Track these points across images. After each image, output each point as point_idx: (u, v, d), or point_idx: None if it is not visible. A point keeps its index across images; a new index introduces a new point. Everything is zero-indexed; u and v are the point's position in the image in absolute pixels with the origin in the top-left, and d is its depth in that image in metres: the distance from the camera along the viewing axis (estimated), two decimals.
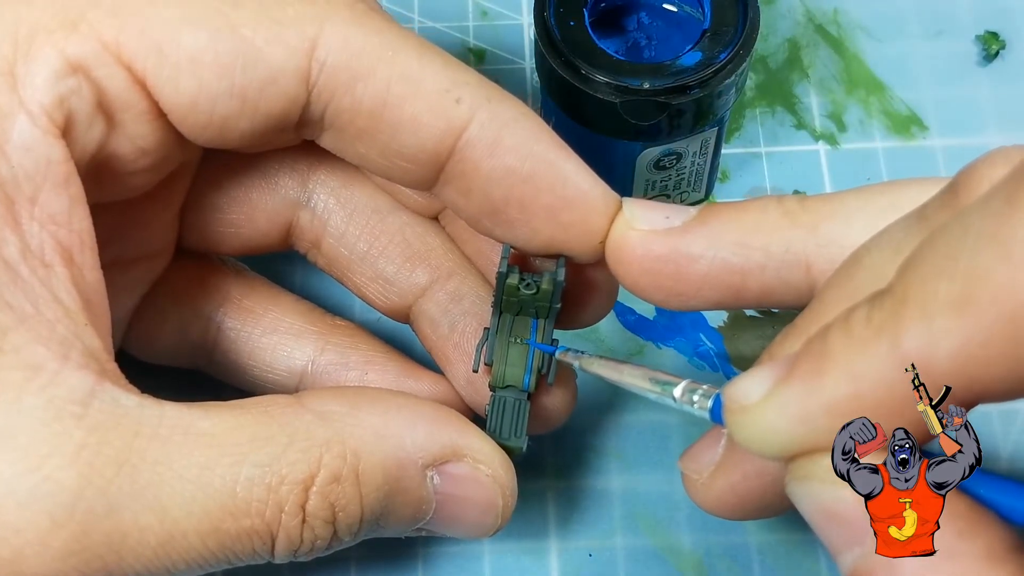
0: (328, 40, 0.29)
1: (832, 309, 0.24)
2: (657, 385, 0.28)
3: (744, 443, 0.25)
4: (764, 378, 0.24)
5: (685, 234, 0.29)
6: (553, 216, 0.30)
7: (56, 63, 0.28)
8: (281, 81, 0.29)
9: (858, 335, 0.23)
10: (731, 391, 0.25)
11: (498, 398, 0.33)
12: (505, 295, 0.32)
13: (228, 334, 0.36)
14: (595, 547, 0.37)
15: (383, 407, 0.30)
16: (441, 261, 0.35)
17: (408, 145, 0.30)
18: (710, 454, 0.29)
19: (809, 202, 0.29)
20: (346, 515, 0.28)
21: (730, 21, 0.37)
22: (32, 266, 0.27)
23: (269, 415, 0.28)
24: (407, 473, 0.29)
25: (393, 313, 0.36)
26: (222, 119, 0.29)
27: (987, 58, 0.45)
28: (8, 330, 0.26)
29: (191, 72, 0.28)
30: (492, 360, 0.32)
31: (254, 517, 0.27)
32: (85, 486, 0.25)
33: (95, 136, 0.29)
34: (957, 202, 0.24)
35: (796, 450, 0.24)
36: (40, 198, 0.27)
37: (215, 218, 0.35)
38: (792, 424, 0.23)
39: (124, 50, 0.28)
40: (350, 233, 0.35)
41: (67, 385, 0.26)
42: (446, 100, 0.29)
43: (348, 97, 0.29)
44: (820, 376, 0.23)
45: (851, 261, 0.26)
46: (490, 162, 0.30)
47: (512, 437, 0.32)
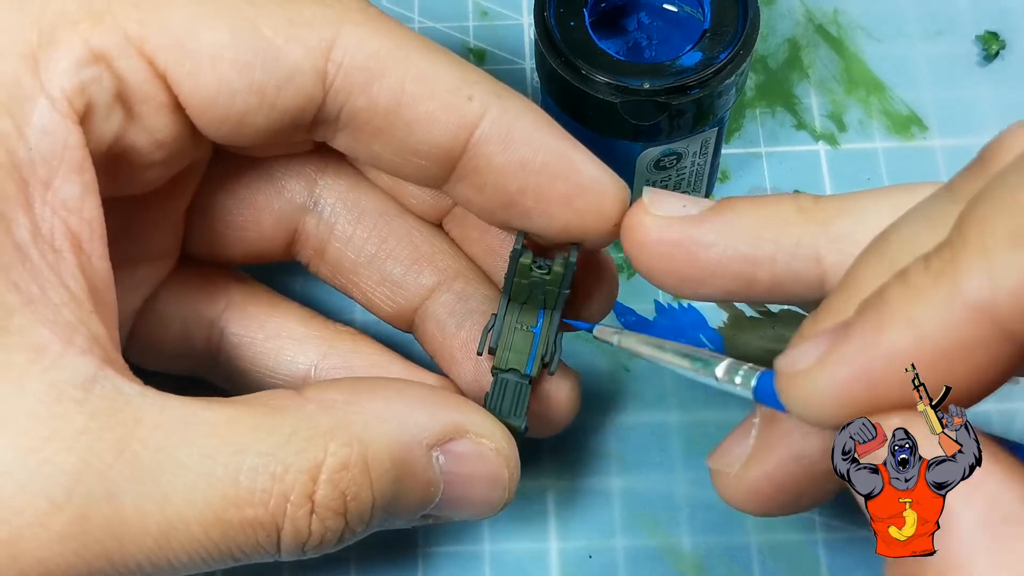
0: (345, 41, 0.30)
1: (864, 285, 0.24)
2: (699, 364, 0.28)
3: (801, 407, 0.24)
4: (815, 345, 0.24)
5: (700, 222, 0.30)
6: (567, 203, 0.31)
7: (79, 51, 0.28)
8: (299, 79, 0.29)
9: (916, 284, 0.22)
10: (783, 359, 0.24)
11: (500, 379, 0.33)
12: (517, 276, 0.32)
13: (231, 339, 0.36)
14: (595, 547, 0.37)
15: (383, 392, 0.30)
16: (448, 263, 0.35)
17: (423, 142, 0.30)
18: (741, 446, 0.29)
19: (823, 200, 0.30)
20: (357, 503, 0.28)
21: (730, 21, 0.37)
22: (42, 250, 0.27)
23: (271, 407, 0.28)
24: (413, 455, 0.29)
25: (397, 319, 0.36)
26: (240, 115, 0.30)
27: (987, 58, 0.45)
28: (14, 311, 0.26)
29: (212, 67, 0.29)
30: (497, 344, 0.33)
31: (258, 507, 0.27)
32: (84, 470, 0.25)
33: (113, 126, 0.29)
34: (987, 170, 0.24)
35: (854, 412, 0.23)
36: (54, 183, 0.28)
37: (221, 221, 0.35)
38: (852, 382, 0.23)
39: (147, 43, 0.29)
40: (358, 236, 0.35)
41: (70, 369, 0.26)
42: (458, 97, 0.30)
43: (364, 97, 0.30)
44: (880, 329, 0.22)
45: (879, 240, 0.26)
46: (504, 155, 0.31)
47: (512, 416, 0.33)
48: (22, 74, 0.28)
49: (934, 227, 0.23)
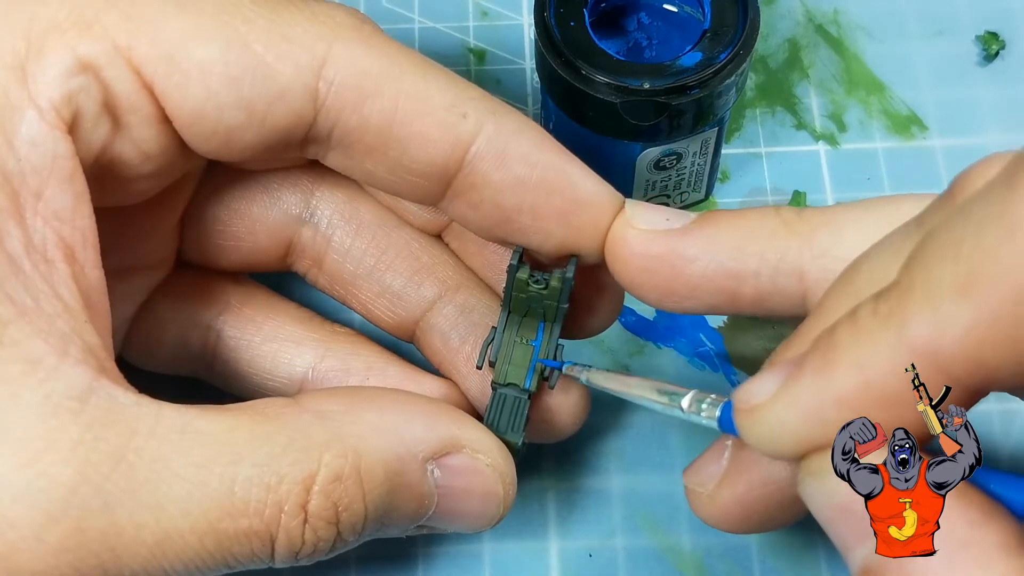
0: (337, 59, 0.29)
1: (833, 315, 0.25)
2: (665, 396, 0.29)
3: (756, 443, 0.25)
4: (773, 378, 0.24)
5: (683, 236, 0.30)
6: (564, 219, 0.31)
7: (67, 61, 0.28)
8: (289, 97, 0.29)
9: (865, 326, 0.23)
10: (740, 393, 0.25)
11: (499, 394, 0.33)
12: (515, 291, 0.32)
13: (228, 342, 0.35)
14: (595, 547, 0.37)
15: (379, 404, 0.30)
16: (449, 274, 0.35)
17: (417, 160, 0.30)
18: (714, 466, 0.30)
19: (806, 213, 0.30)
20: (350, 514, 0.28)
21: (730, 21, 0.37)
22: (34, 261, 0.27)
23: (267, 416, 0.28)
24: (408, 468, 0.29)
25: (398, 330, 0.36)
26: (228, 130, 0.29)
27: (987, 58, 0.45)
28: (8, 323, 0.26)
29: (200, 81, 0.29)
30: (496, 358, 0.33)
31: (252, 517, 0.27)
32: (80, 482, 0.25)
33: (100, 136, 0.29)
34: (954, 204, 0.24)
35: (807, 446, 0.24)
36: (45, 193, 0.27)
37: (215, 230, 0.35)
38: (803, 419, 0.23)
39: (135, 54, 0.28)
40: (356, 248, 0.35)
41: (65, 380, 0.26)
42: (453, 115, 0.30)
43: (356, 116, 0.30)
44: (828, 369, 0.23)
45: (851, 269, 0.26)
46: (500, 173, 0.30)
47: (509, 432, 0.32)
48: (9, 84, 0.27)
49: (900, 260, 0.23)
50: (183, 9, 0.29)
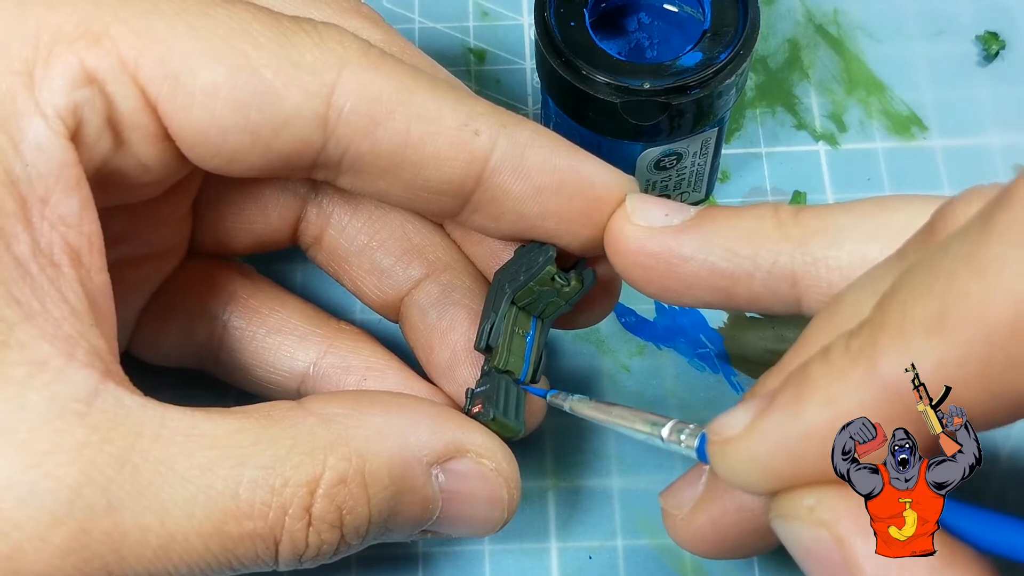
0: (346, 86, 0.29)
1: (814, 347, 0.25)
2: (646, 425, 0.29)
3: (726, 476, 0.25)
4: (746, 411, 0.24)
5: (679, 234, 0.30)
6: (589, 218, 0.31)
7: (74, 71, 0.28)
8: (296, 124, 0.29)
9: (836, 362, 0.23)
10: (714, 425, 0.25)
11: (502, 380, 0.33)
12: (535, 282, 0.32)
13: (233, 333, 0.36)
14: (595, 547, 0.37)
15: (384, 407, 0.30)
16: (437, 255, 0.35)
17: (433, 180, 0.31)
18: (691, 490, 0.30)
19: (803, 215, 0.30)
20: (353, 518, 0.28)
21: (730, 21, 0.37)
22: (41, 264, 0.27)
23: (271, 419, 0.28)
24: (412, 472, 0.29)
25: (385, 308, 0.36)
26: (231, 152, 0.29)
27: (987, 58, 0.45)
28: (15, 325, 0.26)
29: (204, 104, 0.28)
30: (496, 343, 0.33)
31: (257, 520, 0.27)
32: (85, 484, 0.26)
33: (102, 150, 0.29)
34: (934, 239, 0.24)
35: (777, 481, 0.24)
36: (52, 199, 0.27)
37: (229, 214, 0.35)
38: (773, 454, 0.24)
39: (141, 72, 0.28)
40: (352, 226, 0.36)
41: (71, 383, 0.26)
42: (465, 134, 0.30)
43: (368, 141, 0.30)
44: (799, 404, 0.23)
45: (834, 301, 0.26)
46: (519, 184, 0.31)
47: (515, 418, 0.32)
48: (17, 91, 0.27)
49: (880, 293, 0.23)
50: (194, 29, 0.29)
